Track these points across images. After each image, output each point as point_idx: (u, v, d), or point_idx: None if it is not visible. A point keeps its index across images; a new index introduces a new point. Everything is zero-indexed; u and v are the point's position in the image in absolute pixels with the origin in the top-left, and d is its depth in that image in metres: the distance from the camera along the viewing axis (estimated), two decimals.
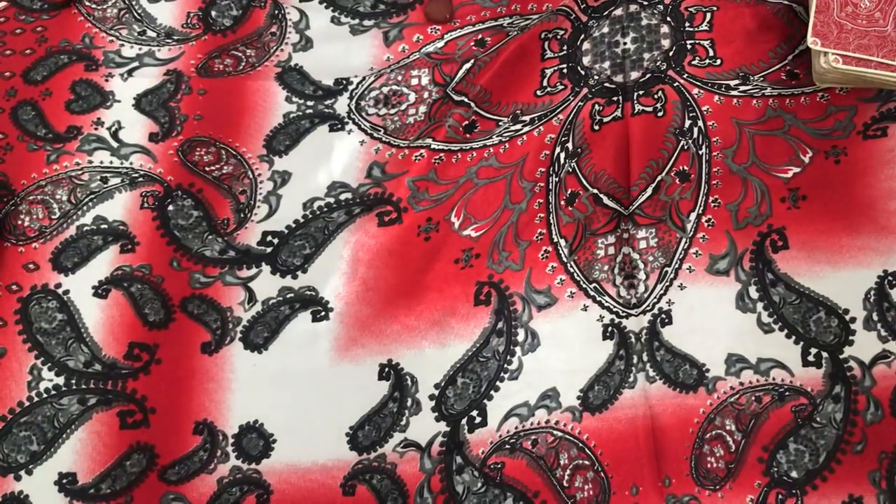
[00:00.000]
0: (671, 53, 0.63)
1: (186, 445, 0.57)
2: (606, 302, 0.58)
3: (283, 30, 0.67)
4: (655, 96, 0.62)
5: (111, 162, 0.63)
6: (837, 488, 0.53)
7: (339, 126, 0.64)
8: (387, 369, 0.58)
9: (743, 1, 0.63)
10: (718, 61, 0.62)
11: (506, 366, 0.58)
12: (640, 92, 0.62)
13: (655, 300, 0.58)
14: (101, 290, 0.60)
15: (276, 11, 0.67)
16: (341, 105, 0.64)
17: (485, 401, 0.57)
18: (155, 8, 0.68)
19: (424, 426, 0.57)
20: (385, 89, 0.65)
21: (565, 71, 0.63)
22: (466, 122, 0.62)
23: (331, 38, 0.67)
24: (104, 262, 0.61)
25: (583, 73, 0.63)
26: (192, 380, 0.58)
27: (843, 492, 0.53)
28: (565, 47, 0.64)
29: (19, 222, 0.61)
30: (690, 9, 0.64)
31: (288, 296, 0.60)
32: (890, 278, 0.56)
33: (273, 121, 0.64)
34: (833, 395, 0.55)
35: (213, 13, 0.67)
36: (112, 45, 0.66)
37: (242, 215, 0.62)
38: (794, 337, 0.56)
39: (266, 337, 0.59)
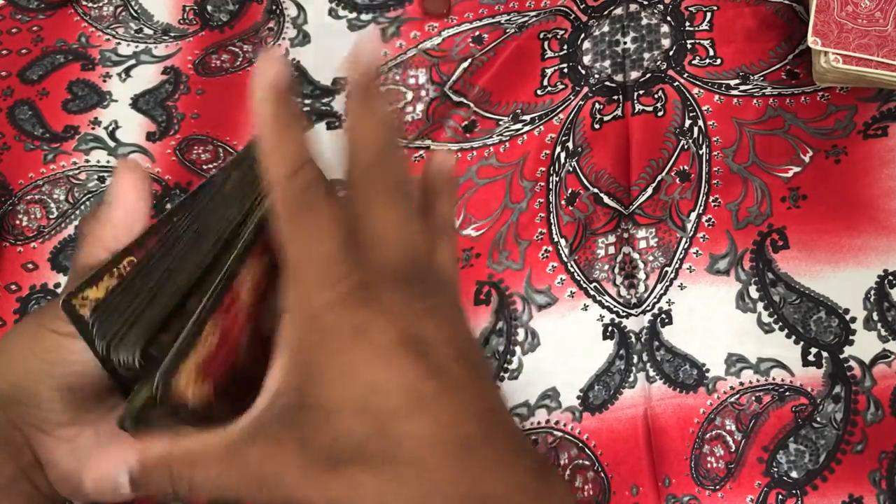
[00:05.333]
0: (671, 53, 0.63)
1: None
2: (607, 302, 0.58)
3: (280, 25, 0.67)
4: (655, 96, 0.62)
5: (108, 161, 0.63)
6: (837, 488, 0.54)
7: (337, 124, 0.64)
8: None
9: (743, 0, 0.63)
10: (718, 61, 0.62)
11: (506, 365, 0.58)
12: (641, 91, 0.62)
13: (655, 300, 0.58)
14: None
15: (274, 6, 0.67)
16: (339, 103, 0.64)
17: None
18: (151, 4, 0.67)
19: None
20: (382, 88, 0.64)
21: (566, 70, 0.63)
22: (466, 123, 0.62)
23: (328, 33, 0.66)
24: None
25: (583, 72, 0.63)
26: None
27: (844, 492, 0.53)
28: (566, 47, 0.64)
29: (17, 222, 0.61)
30: (690, 8, 0.64)
31: None
32: (890, 278, 0.57)
33: None
34: (833, 395, 0.55)
35: (209, 8, 0.67)
36: (108, 43, 0.66)
37: None
38: (794, 337, 0.56)
39: None
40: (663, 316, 0.58)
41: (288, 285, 0.36)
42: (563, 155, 0.61)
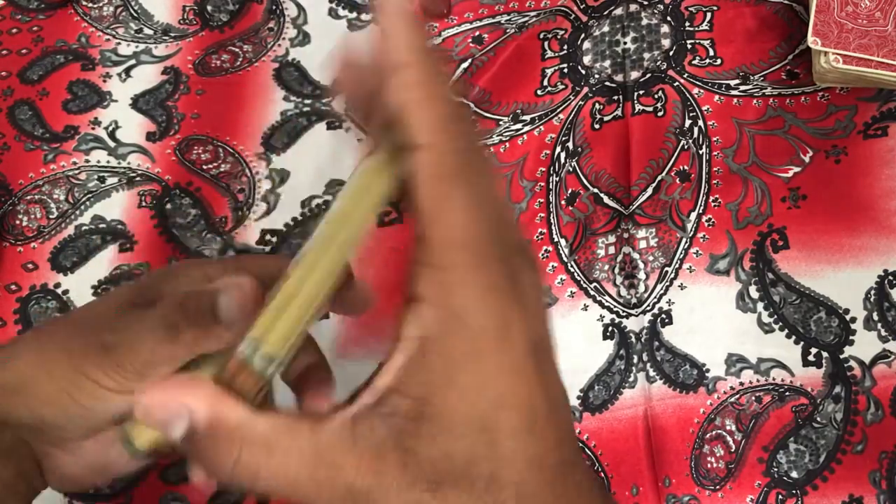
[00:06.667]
0: (671, 53, 0.63)
1: None
2: (607, 302, 0.58)
3: (280, 25, 0.67)
4: (656, 96, 0.62)
5: (108, 161, 0.63)
6: (837, 488, 0.53)
7: (337, 124, 0.64)
8: None
9: (743, 0, 0.63)
10: (719, 61, 0.62)
11: None
12: (641, 92, 0.62)
13: (655, 300, 0.58)
14: (100, 290, 0.60)
15: (274, 6, 0.67)
16: (339, 103, 0.64)
17: None
18: (151, 4, 0.67)
19: None
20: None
21: (566, 70, 0.63)
22: None
23: (328, 33, 0.66)
24: (103, 262, 0.60)
25: (583, 72, 0.63)
26: None
27: (844, 492, 0.53)
28: (566, 47, 0.64)
29: (17, 222, 0.61)
30: (690, 8, 0.64)
31: None
32: (890, 278, 0.56)
33: (270, 118, 0.64)
34: (833, 395, 0.55)
35: (209, 8, 0.67)
36: (108, 43, 0.66)
37: (240, 213, 0.61)
38: (794, 337, 0.56)
39: None
40: (663, 316, 0.58)
41: (427, 267, 0.30)
42: (563, 155, 0.61)
